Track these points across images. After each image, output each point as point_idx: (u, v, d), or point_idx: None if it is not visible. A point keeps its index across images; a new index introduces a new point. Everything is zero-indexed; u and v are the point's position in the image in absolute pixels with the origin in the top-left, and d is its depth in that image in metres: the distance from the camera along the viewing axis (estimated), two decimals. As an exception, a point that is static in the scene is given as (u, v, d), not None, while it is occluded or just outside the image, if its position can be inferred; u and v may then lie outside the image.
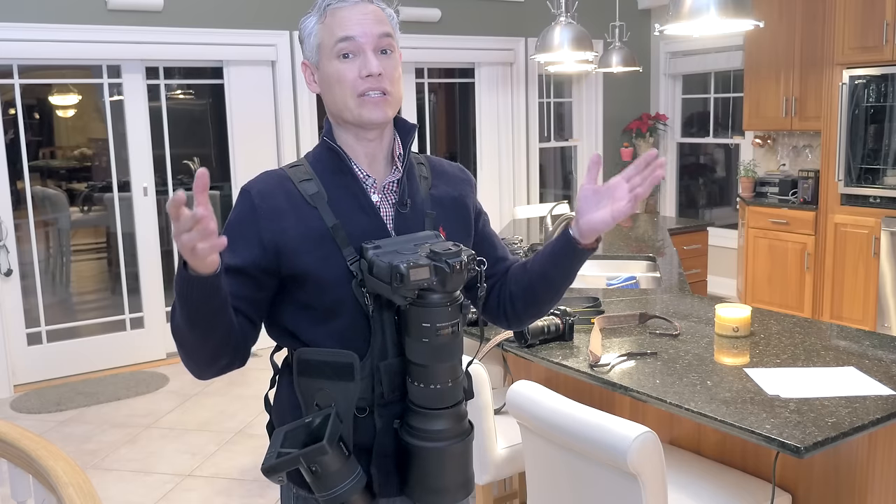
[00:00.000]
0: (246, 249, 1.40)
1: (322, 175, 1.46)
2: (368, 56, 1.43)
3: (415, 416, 1.40)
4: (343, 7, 1.45)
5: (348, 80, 1.43)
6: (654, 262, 3.96)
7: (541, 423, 1.93)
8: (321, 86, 1.49)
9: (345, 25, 1.43)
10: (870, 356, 2.27)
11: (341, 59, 1.44)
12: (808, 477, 2.13)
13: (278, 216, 1.41)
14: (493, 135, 6.85)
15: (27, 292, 5.21)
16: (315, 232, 1.41)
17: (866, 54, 5.23)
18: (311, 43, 1.48)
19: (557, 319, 2.48)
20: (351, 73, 1.43)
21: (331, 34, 1.44)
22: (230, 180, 5.76)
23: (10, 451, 1.95)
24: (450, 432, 1.39)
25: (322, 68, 1.47)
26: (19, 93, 5.08)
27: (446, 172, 1.60)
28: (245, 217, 1.42)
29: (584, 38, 4.34)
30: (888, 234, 5.20)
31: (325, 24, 1.45)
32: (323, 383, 1.40)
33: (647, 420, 2.52)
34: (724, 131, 7.34)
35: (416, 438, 1.39)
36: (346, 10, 1.44)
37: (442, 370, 1.36)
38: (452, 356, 1.37)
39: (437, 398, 1.37)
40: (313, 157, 1.52)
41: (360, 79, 1.43)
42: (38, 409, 4.73)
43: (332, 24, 1.44)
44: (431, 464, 1.39)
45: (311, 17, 1.48)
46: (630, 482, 1.76)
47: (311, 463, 1.33)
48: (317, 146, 1.54)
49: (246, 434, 4.28)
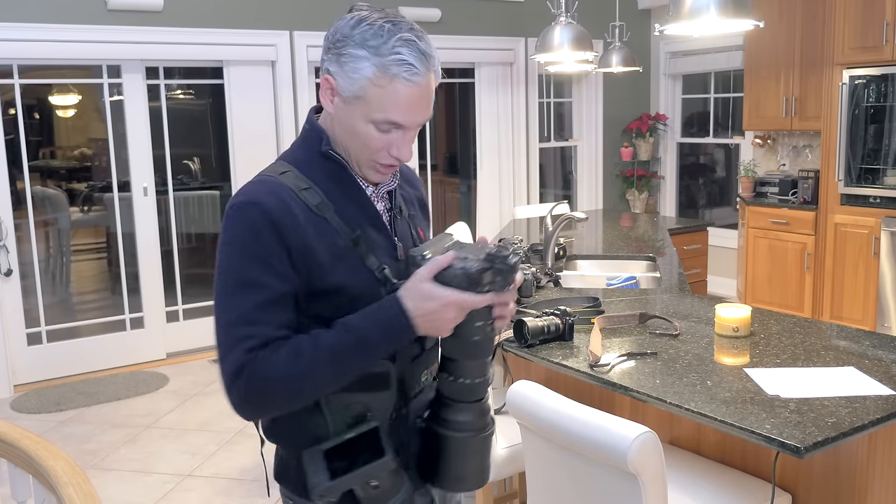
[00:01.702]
0: (288, 270, 1.31)
1: (320, 183, 1.38)
2: (407, 140, 1.36)
3: (443, 407, 1.43)
4: (409, 85, 1.30)
5: (375, 148, 1.36)
6: (654, 262, 3.96)
7: (541, 423, 1.93)
8: (340, 119, 1.37)
9: (400, 109, 1.32)
10: (870, 356, 2.27)
11: (377, 128, 1.34)
12: (808, 477, 2.13)
13: (300, 229, 1.32)
14: (493, 135, 6.85)
15: (27, 292, 5.21)
16: (337, 244, 1.35)
17: (866, 54, 5.23)
18: (352, 86, 1.32)
19: (557, 319, 2.48)
20: (380, 143, 1.35)
21: (380, 106, 1.31)
22: (230, 180, 5.76)
23: (10, 451, 1.95)
24: (474, 424, 1.42)
25: (351, 114, 1.35)
26: (19, 93, 5.08)
27: (405, 173, 1.58)
28: (266, 234, 1.30)
29: (584, 38, 4.34)
30: (888, 234, 5.20)
31: (380, 88, 1.30)
32: (357, 396, 1.37)
33: (647, 420, 2.52)
34: (724, 131, 7.34)
35: (442, 428, 1.43)
36: (410, 90, 1.31)
37: (475, 366, 1.40)
38: (487, 353, 1.40)
39: (466, 392, 1.41)
40: (303, 162, 1.40)
41: (388, 154, 1.37)
42: (38, 409, 4.73)
43: (388, 97, 1.31)
44: (454, 452, 1.43)
45: (365, 61, 1.30)
46: (630, 482, 1.76)
47: (372, 479, 1.33)
48: (300, 149, 1.43)
49: (246, 434, 4.28)
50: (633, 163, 7.62)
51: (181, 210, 5.76)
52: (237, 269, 1.30)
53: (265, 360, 1.25)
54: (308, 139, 1.43)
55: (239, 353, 1.27)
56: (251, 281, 1.29)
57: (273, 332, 1.28)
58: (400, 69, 1.30)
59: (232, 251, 1.31)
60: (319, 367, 1.27)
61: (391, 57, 1.29)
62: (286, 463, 1.46)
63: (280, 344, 1.28)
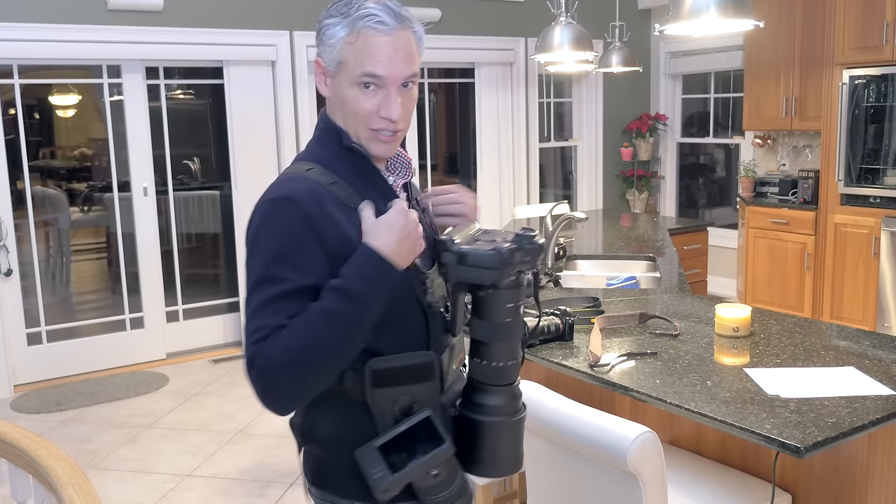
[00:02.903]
0: (315, 265, 1.31)
1: (346, 177, 1.40)
2: (392, 97, 1.37)
3: (474, 391, 1.44)
4: (377, 34, 1.34)
5: (364, 113, 1.38)
6: (654, 262, 3.96)
7: (541, 423, 1.93)
8: (332, 96, 1.42)
9: (375, 59, 1.34)
10: (870, 356, 2.27)
11: (362, 89, 1.37)
12: (808, 477, 2.13)
13: (336, 223, 1.34)
14: (493, 135, 6.85)
15: (27, 292, 5.21)
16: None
17: (866, 54, 5.23)
18: (332, 54, 1.37)
19: (557, 319, 2.48)
20: (369, 105, 1.38)
21: (357, 61, 1.35)
22: (230, 180, 5.76)
23: (10, 451, 1.95)
24: (505, 409, 1.43)
25: (339, 85, 1.39)
26: (19, 93, 5.08)
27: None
28: (302, 229, 1.31)
29: (584, 38, 4.34)
30: (888, 234, 5.20)
31: (353, 45, 1.35)
32: (402, 389, 1.38)
33: (647, 420, 2.52)
34: (724, 131, 7.34)
35: (474, 413, 1.43)
36: (380, 39, 1.34)
37: (505, 349, 1.42)
38: (517, 335, 1.42)
39: (496, 375, 1.43)
40: (326, 159, 1.42)
41: (378, 116, 1.38)
42: (38, 409, 4.73)
43: (362, 50, 1.35)
44: (487, 437, 1.43)
45: (337, 26, 1.36)
46: (630, 482, 1.76)
47: (433, 468, 1.34)
48: (319, 147, 1.45)
49: (246, 434, 4.28)
50: (633, 163, 7.62)
51: (181, 210, 5.76)
52: (262, 266, 1.31)
53: (267, 347, 1.25)
54: (325, 137, 1.45)
55: (250, 347, 1.27)
56: (271, 276, 1.29)
57: (282, 321, 1.27)
58: (366, 21, 1.34)
59: (260, 247, 1.32)
60: (317, 334, 1.25)
61: (358, 13, 1.35)
62: (327, 467, 1.43)
63: (279, 329, 1.27)
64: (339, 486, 1.42)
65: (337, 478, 1.42)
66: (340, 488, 1.42)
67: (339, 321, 1.27)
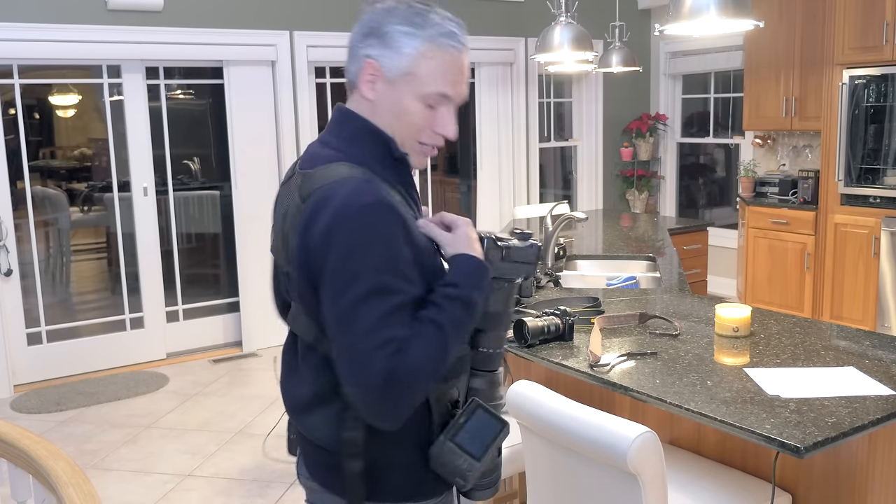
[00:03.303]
0: (413, 272, 1.32)
1: (394, 186, 1.40)
2: (452, 116, 1.40)
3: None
4: (456, 53, 1.37)
5: (419, 126, 1.39)
6: (654, 262, 3.96)
7: (541, 423, 1.93)
8: (383, 101, 1.39)
9: (448, 79, 1.37)
10: (870, 356, 2.27)
11: (425, 104, 1.38)
12: (808, 477, 2.13)
13: (414, 230, 1.35)
14: (493, 135, 6.85)
15: (27, 292, 5.21)
16: (426, 238, 1.39)
17: (866, 54, 5.23)
18: (400, 62, 1.36)
19: (557, 319, 2.48)
20: (427, 120, 1.39)
21: (430, 77, 1.36)
22: (230, 180, 5.76)
23: (10, 451, 1.95)
24: (486, 394, 1.49)
25: (397, 93, 1.37)
26: (19, 93, 5.08)
27: None
28: (401, 235, 1.30)
29: (584, 38, 4.34)
30: (888, 234, 5.20)
31: (430, 60, 1.35)
32: (450, 384, 1.43)
33: (647, 420, 2.52)
34: (724, 131, 7.34)
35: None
36: (457, 58, 1.37)
37: (496, 337, 1.49)
38: (507, 326, 1.51)
39: (484, 361, 1.50)
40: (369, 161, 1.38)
41: (432, 131, 1.40)
42: (38, 409, 4.73)
43: (438, 67, 1.36)
44: None
45: (413, 37, 1.35)
46: (630, 482, 1.76)
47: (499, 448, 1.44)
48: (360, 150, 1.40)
49: (246, 434, 4.28)
50: (633, 163, 7.62)
51: (181, 210, 5.76)
52: (372, 274, 1.26)
53: (406, 360, 1.25)
54: (364, 139, 1.41)
55: (383, 360, 1.24)
56: (386, 286, 1.27)
57: (406, 332, 1.27)
58: (448, 40, 1.36)
59: (362, 254, 1.27)
60: (449, 344, 1.30)
61: (437, 29, 1.36)
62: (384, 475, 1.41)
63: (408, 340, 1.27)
64: (396, 491, 1.42)
65: (393, 483, 1.42)
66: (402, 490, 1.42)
67: (463, 329, 1.34)
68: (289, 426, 1.60)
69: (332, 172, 1.34)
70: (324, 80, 6.10)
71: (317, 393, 1.41)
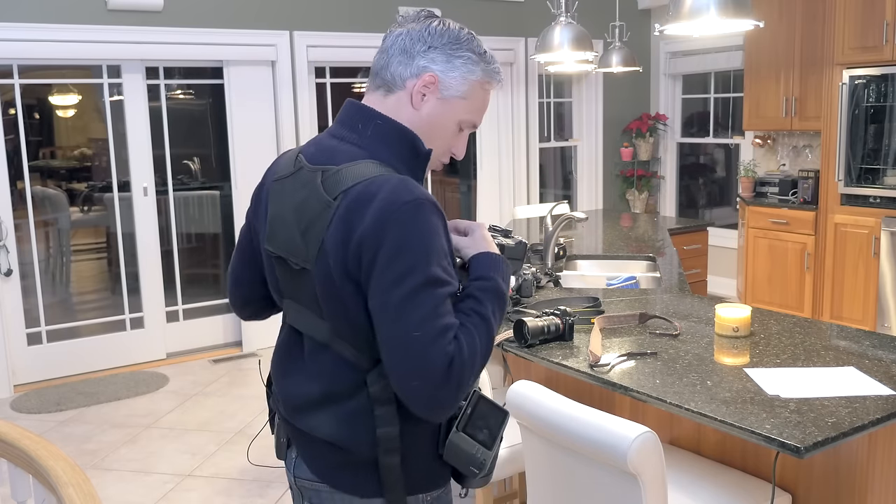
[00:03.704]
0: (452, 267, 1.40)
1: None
2: (465, 140, 1.52)
3: None
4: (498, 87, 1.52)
5: (443, 145, 1.49)
6: (654, 262, 3.96)
7: (541, 423, 1.93)
8: (427, 113, 1.44)
9: (482, 113, 1.50)
10: (870, 356, 2.27)
11: (460, 127, 1.49)
12: (808, 477, 2.13)
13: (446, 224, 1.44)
14: (493, 135, 6.85)
15: (27, 292, 5.21)
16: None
17: (866, 54, 5.23)
18: (461, 85, 1.44)
19: (557, 319, 2.48)
20: (449, 141, 1.50)
21: (474, 107, 1.48)
22: (230, 180, 5.76)
23: (10, 451, 1.95)
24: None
25: (444, 111, 1.46)
26: (19, 93, 5.08)
27: None
28: (443, 232, 1.38)
29: (584, 38, 4.34)
30: (888, 234, 5.20)
31: (484, 91, 1.48)
32: None
33: (647, 420, 2.52)
34: (724, 131, 7.34)
35: None
36: (492, 91, 1.51)
37: None
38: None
39: None
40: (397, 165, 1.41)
41: (449, 150, 1.52)
42: (38, 409, 4.73)
43: (482, 100, 1.48)
44: None
45: (476, 65, 1.45)
46: (630, 482, 1.76)
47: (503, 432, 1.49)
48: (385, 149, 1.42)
49: (246, 434, 4.28)
50: (633, 163, 7.62)
51: (181, 210, 5.76)
52: (424, 266, 1.30)
53: (464, 348, 1.31)
54: (392, 138, 1.43)
55: (444, 346, 1.28)
56: (437, 278, 1.32)
57: (456, 321, 1.34)
58: (497, 77, 1.50)
59: (415, 247, 1.30)
60: (492, 330, 1.39)
61: (494, 65, 1.48)
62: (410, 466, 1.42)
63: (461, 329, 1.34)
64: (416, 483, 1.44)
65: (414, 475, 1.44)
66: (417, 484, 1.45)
67: (501, 316, 1.43)
68: (278, 429, 1.57)
69: (365, 170, 1.36)
70: (324, 80, 6.10)
71: (331, 391, 1.41)
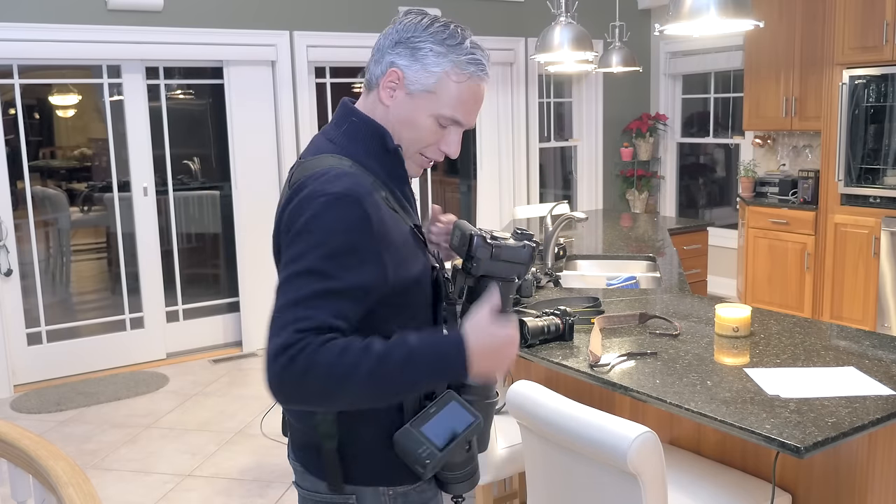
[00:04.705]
0: (367, 267, 1.31)
1: (381, 178, 1.43)
2: (457, 138, 1.44)
3: None
4: (478, 80, 1.41)
5: (426, 141, 1.43)
6: (654, 262, 3.96)
7: (541, 423, 1.93)
8: (398, 110, 1.42)
9: (465, 108, 1.41)
10: (870, 356, 2.27)
11: (437, 123, 1.41)
12: (808, 477, 2.13)
13: (386, 226, 1.36)
14: (493, 135, 6.85)
15: (27, 292, 5.21)
16: (408, 236, 1.42)
17: (866, 54, 5.23)
18: (425, 79, 1.39)
19: (557, 319, 2.48)
20: (434, 137, 1.43)
21: (449, 101, 1.39)
22: (230, 180, 5.76)
23: (10, 451, 1.95)
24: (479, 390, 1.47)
25: (414, 106, 1.40)
26: (19, 93, 5.08)
27: None
28: (358, 229, 1.31)
29: (584, 38, 4.34)
30: (888, 234, 5.20)
31: (455, 84, 1.39)
32: None
33: (647, 420, 2.52)
34: (724, 131, 7.34)
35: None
36: (478, 88, 1.41)
37: None
38: None
39: None
40: (362, 157, 1.42)
41: (437, 148, 1.44)
42: (38, 409, 4.73)
43: (458, 94, 1.39)
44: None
45: (442, 56, 1.38)
46: (630, 482, 1.76)
47: (468, 441, 1.42)
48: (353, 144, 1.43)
49: (246, 434, 4.28)
50: (633, 163, 7.62)
51: (181, 210, 5.76)
52: (313, 258, 1.28)
53: (311, 346, 1.21)
54: (364, 134, 1.44)
55: (288, 334, 1.22)
56: (323, 271, 1.27)
57: (328, 318, 1.25)
58: (476, 69, 1.40)
59: (313, 238, 1.29)
60: (361, 371, 1.23)
61: (468, 56, 1.39)
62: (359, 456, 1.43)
63: (333, 336, 1.24)
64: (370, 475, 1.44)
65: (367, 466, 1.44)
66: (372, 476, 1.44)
67: (388, 375, 1.25)
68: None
69: (319, 163, 1.39)
70: (324, 80, 6.10)
71: None
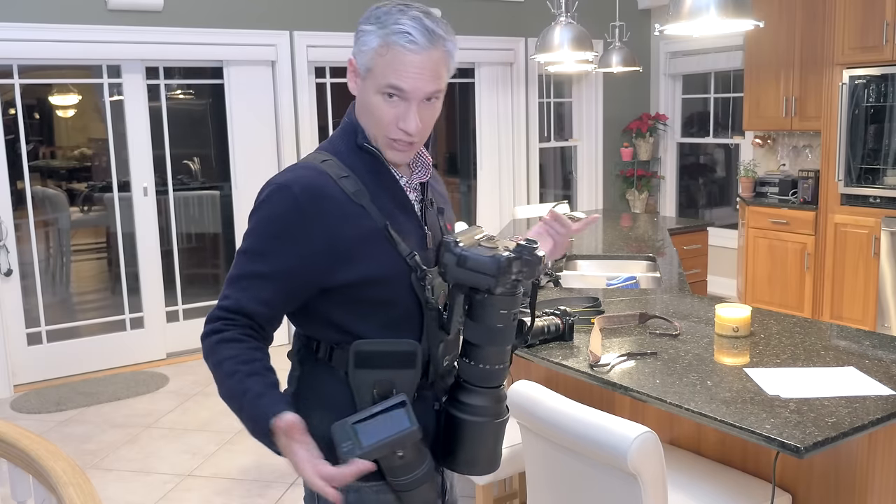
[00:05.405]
0: (287, 255, 1.39)
1: (359, 173, 1.45)
2: (411, 111, 1.41)
3: (461, 390, 1.48)
4: (406, 52, 1.37)
5: (384, 121, 1.43)
6: (654, 262, 3.96)
7: (541, 423, 1.93)
8: (358, 96, 1.47)
9: (400, 74, 1.38)
10: (870, 356, 2.27)
11: (385, 98, 1.41)
12: (808, 477, 2.13)
13: (330, 218, 1.39)
14: (493, 135, 6.85)
15: (27, 292, 5.21)
16: (369, 232, 1.42)
17: (866, 54, 5.23)
18: (363, 59, 1.41)
19: (557, 319, 2.48)
20: (389, 115, 1.42)
21: (384, 73, 1.39)
22: (230, 180, 5.76)
23: (10, 451, 1.95)
24: (490, 410, 1.47)
25: (365, 89, 1.43)
26: (19, 93, 5.08)
27: (435, 173, 1.65)
28: (289, 219, 1.38)
29: (584, 38, 4.34)
30: (888, 234, 5.20)
31: (383, 57, 1.38)
32: (383, 373, 1.43)
33: (647, 420, 2.52)
34: (724, 131, 7.34)
35: (458, 411, 1.47)
36: (409, 56, 1.38)
37: (496, 353, 1.45)
38: (508, 341, 1.46)
39: (483, 377, 1.46)
40: (343, 153, 1.47)
41: (396, 127, 1.42)
42: (38, 409, 4.73)
43: (389, 64, 1.38)
44: (468, 436, 1.47)
45: (372, 34, 1.40)
46: (630, 482, 1.76)
47: (400, 448, 1.38)
48: (339, 140, 1.49)
49: (246, 434, 4.26)
50: (633, 163, 7.62)
51: (181, 210, 5.76)
52: (250, 241, 1.42)
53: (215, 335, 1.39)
54: (346, 131, 1.50)
55: (215, 309, 1.42)
56: (255, 250, 1.40)
57: (248, 303, 1.39)
58: (399, 38, 1.38)
59: (252, 223, 1.43)
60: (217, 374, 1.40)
61: (393, 27, 1.38)
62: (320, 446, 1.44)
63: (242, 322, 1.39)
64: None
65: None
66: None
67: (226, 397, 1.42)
68: None
69: (303, 159, 1.50)
70: (324, 80, 6.10)
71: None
